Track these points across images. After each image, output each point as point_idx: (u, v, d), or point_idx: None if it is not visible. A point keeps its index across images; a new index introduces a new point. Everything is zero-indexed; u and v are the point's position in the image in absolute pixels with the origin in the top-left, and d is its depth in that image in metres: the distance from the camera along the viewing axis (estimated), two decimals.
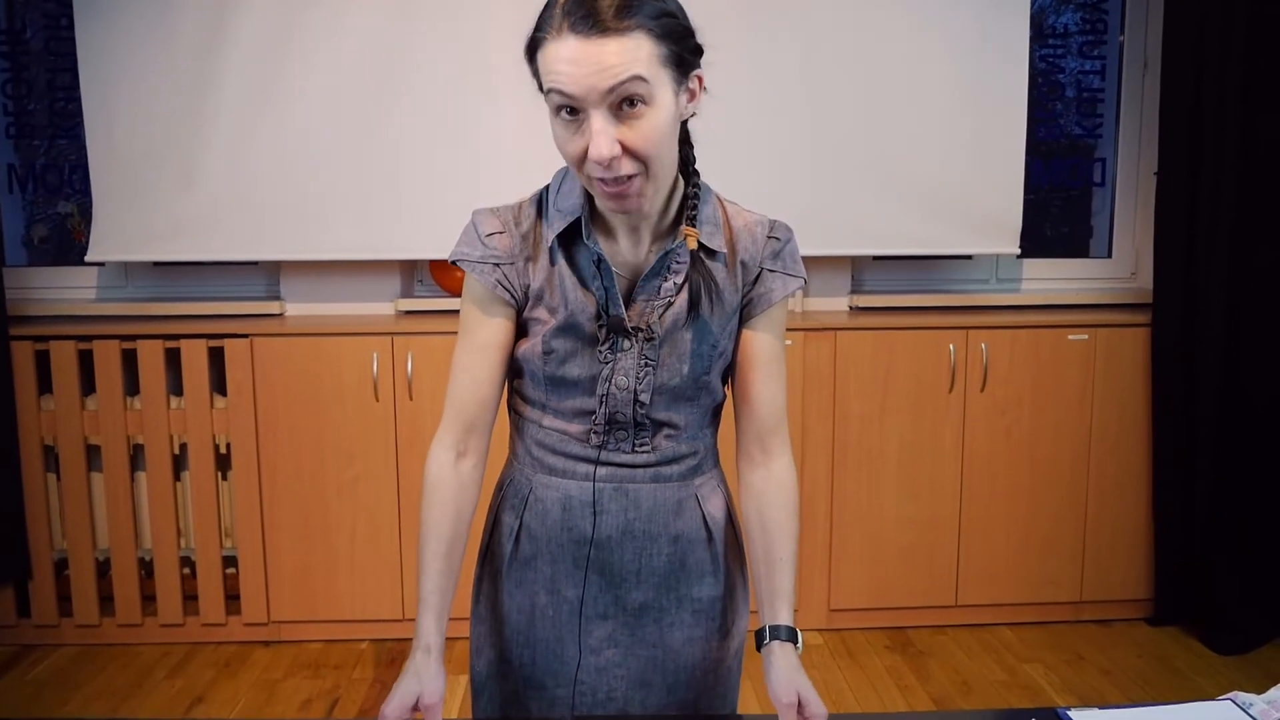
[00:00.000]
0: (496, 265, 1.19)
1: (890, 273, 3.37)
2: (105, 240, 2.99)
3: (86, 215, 3.08)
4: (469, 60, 2.95)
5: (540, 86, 1.07)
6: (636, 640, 1.27)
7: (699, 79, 1.11)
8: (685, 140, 1.19)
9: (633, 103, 1.03)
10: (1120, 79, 3.36)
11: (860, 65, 3.05)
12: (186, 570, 3.02)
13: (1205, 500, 3.03)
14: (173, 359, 2.92)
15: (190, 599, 3.00)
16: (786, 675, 1.16)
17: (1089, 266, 3.43)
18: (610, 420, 1.20)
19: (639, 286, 1.18)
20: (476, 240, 1.20)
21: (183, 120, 2.95)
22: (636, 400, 1.19)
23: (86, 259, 3.00)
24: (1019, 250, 3.16)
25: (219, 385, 2.94)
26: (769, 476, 1.26)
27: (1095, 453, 3.08)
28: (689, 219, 1.16)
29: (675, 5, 1.08)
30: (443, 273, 3.19)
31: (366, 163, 3.00)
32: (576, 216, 1.16)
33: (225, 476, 3.01)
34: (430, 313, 3.09)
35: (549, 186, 1.22)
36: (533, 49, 1.06)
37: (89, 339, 2.89)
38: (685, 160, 1.19)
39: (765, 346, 1.24)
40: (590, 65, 1.00)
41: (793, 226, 1.26)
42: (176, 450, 2.98)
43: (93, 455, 2.95)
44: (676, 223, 1.19)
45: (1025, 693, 2.72)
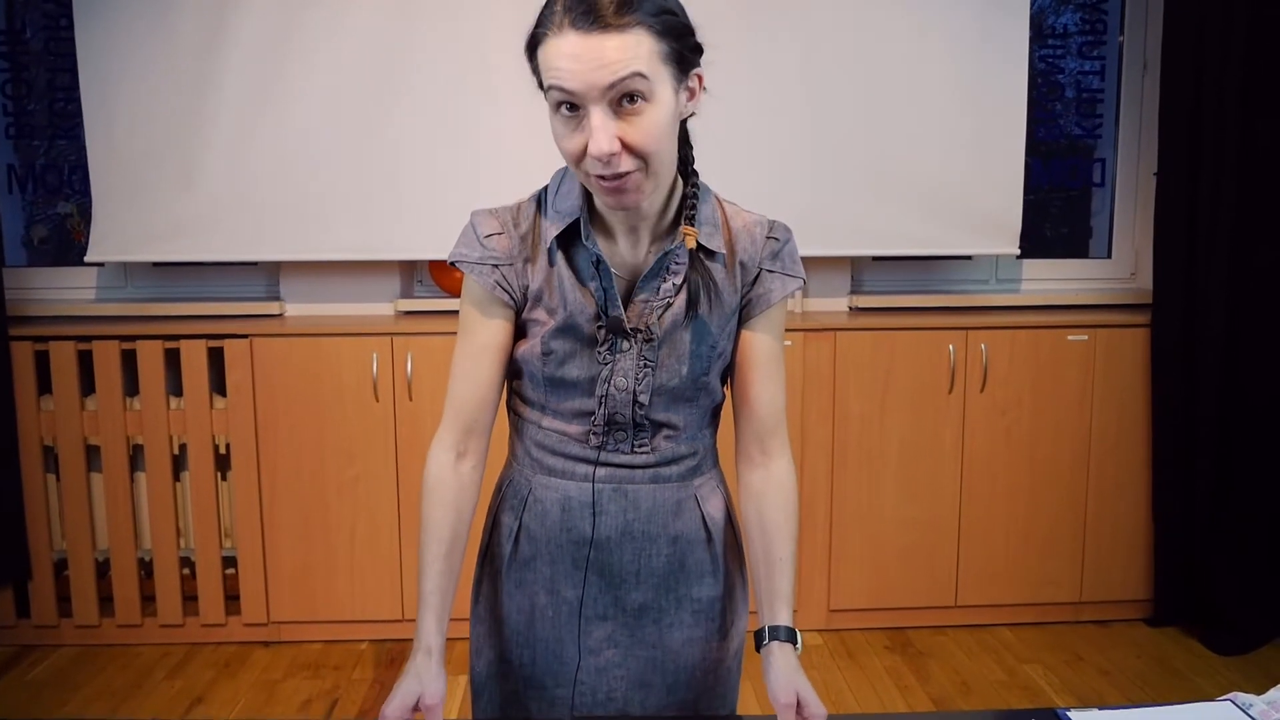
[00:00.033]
0: (495, 266, 1.19)
1: (890, 273, 3.37)
2: (105, 240, 2.99)
3: (86, 215, 3.08)
4: (469, 60, 2.95)
5: (540, 84, 1.07)
6: (636, 641, 1.27)
7: (699, 78, 1.11)
8: (684, 140, 1.19)
9: (632, 99, 1.02)
10: (1120, 79, 3.36)
11: (860, 65, 3.05)
12: (186, 571, 3.02)
13: (1205, 501, 3.03)
14: (172, 359, 2.92)
15: (190, 599, 3.00)
16: (785, 676, 1.16)
17: (1088, 267, 3.43)
18: (609, 421, 1.20)
19: (638, 287, 1.18)
20: (475, 241, 1.20)
21: (182, 120, 2.95)
22: (635, 401, 1.19)
23: (86, 259, 3.00)
24: (1019, 251, 3.16)
25: (219, 386, 2.94)
26: (768, 477, 1.26)
27: (1095, 453, 3.08)
28: (688, 219, 1.16)
29: (675, 3, 1.08)
30: (442, 273, 3.19)
31: (366, 163, 3.00)
32: (575, 217, 1.16)
33: (225, 477, 3.01)
34: (430, 313, 3.09)
35: (547, 187, 1.22)
36: (533, 45, 1.06)
37: (89, 339, 2.89)
38: (684, 160, 1.19)
39: (764, 347, 1.24)
40: (591, 61, 1.00)
41: (792, 227, 1.26)
42: (176, 450, 2.98)
43: (92, 455, 2.95)
44: (675, 223, 1.19)
45: (1025, 693, 2.72)
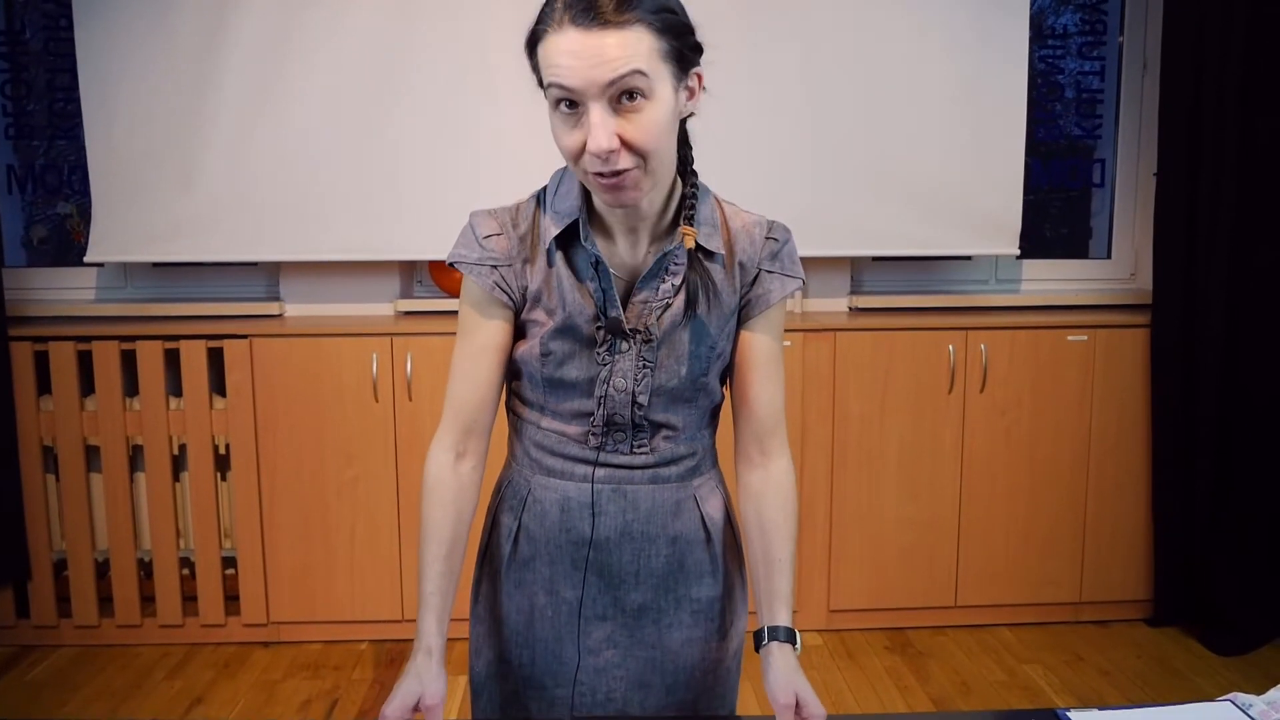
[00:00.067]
0: (494, 267, 1.19)
1: (890, 273, 3.37)
2: (104, 241, 2.99)
3: (86, 216, 3.08)
4: (469, 60, 2.95)
5: (540, 81, 1.07)
6: (635, 641, 1.27)
7: (699, 77, 1.11)
8: (684, 140, 1.19)
9: (632, 96, 1.03)
10: (1120, 80, 3.36)
11: (860, 65, 3.05)
12: (186, 571, 3.02)
13: (1205, 501, 3.03)
14: (172, 360, 2.92)
15: (189, 600, 3.00)
16: (785, 676, 1.16)
17: (1088, 267, 3.43)
18: (608, 422, 1.20)
19: (637, 288, 1.18)
20: (474, 242, 1.20)
21: (182, 121, 2.95)
22: (634, 402, 1.19)
23: (86, 260, 3.00)
24: (1018, 251, 3.16)
25: (218, 386, 2.94)
26: (767, 478, 1.26)
27: (1095, 453, 3.08)
28: (687, 219, 1.16)
29: (675, 2, 1.08)
30: (442, 273, 3.19)
31: (366, 163, 3.00)
32: (574, 218, 1.16)
33: (224, 477, 3.01)
34: (430, 313, 3.09)
35: (546, 188, 1.22)
36: (533, 42, 1.06)
37: (88, 340, 2.89)
38: (683, 160, 1.19)
39: (763, 348, 1.24)
40: (590, 58, 1.00)
41: (792, 227, 1.26)
42: (176, 451, 2.98)
43: (92, 456, 2.95)
44: (674, 224, 1.19)
45: (1024, 693, 2.72)
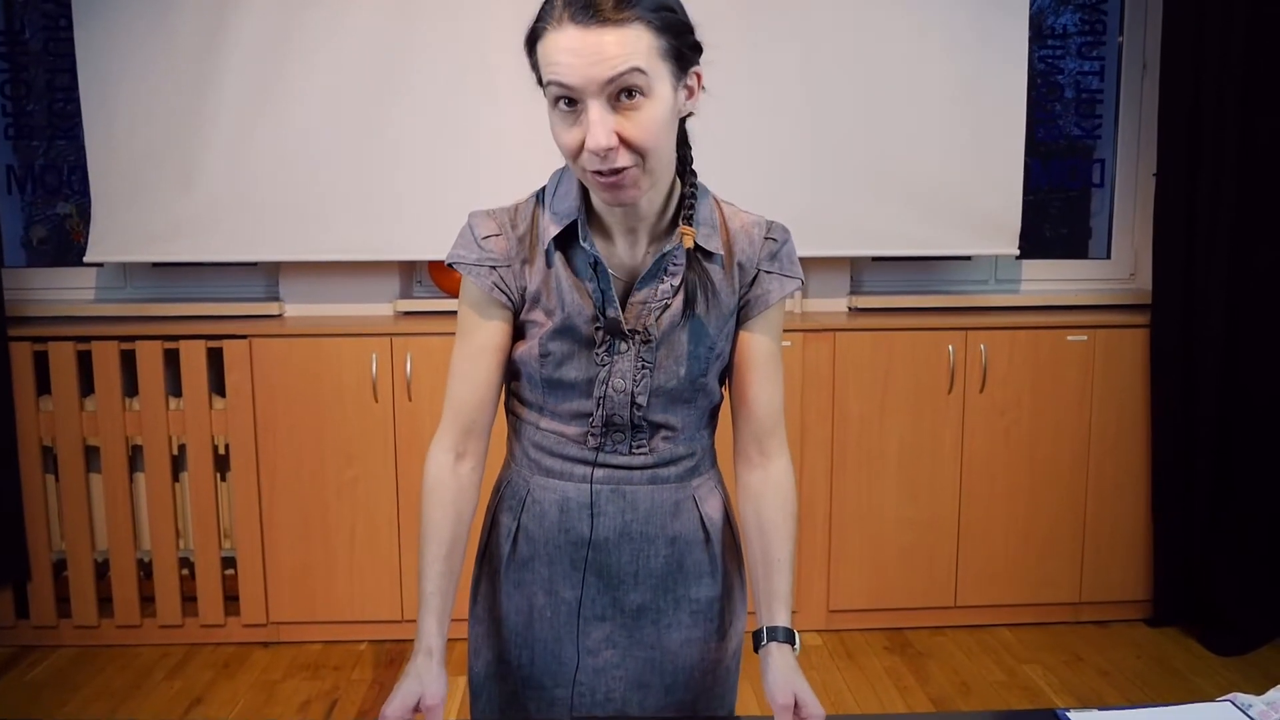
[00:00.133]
0: (493, 268, 1.19)
1: (889, 274, 3.37)
2: (104, 241, 2.98)
3: (85, 216, 3.08)
4: (469, 60, 2.95)
5: (539, 80, 1.07)
6: (634, 641, 1.27)
7: (698, 76, 1.11)
8: (683, 140, 1.19)
9: (631, 94, 1.03)
10: (1119, 80, 3.36)
11: (860, 65, 3.05)
12: (185, 571, 3.02)
13: (1204, 501, 3.03)
14: (171, 360, 2.92)
15: (189, 600, 3.00)
16: (783, 676, 1.16)
17: (1088, 267, 3.43)
18: (607, 422, 1.20)
19: (635, 288, 1.18)
20: (473, 243, 1.20)
21: (182, 121, 2.95)
22: (634, 402, 1.19)
23: (85, 260, 3.00)
24: (1018, 251, 3.16)
25: (218, 386, 2.94)
26: (766, 478, 1.26)
27: (1094, 454, 3.08)
28: (686, 219, 1.16)
29: (675, 1, 1.08)
30: (442, 274, 3.19)
31: (366, 163, 3.00)
32: (573, 218, 1.16)
33: (224, 477, 3.01)
34: (429, 314, 3.09)
35: (545, 188, 1.22)
36: (532, 40, 1.06)
37: (88, 340, 2.89)
38: (683, 160, 1.19)
39: (762, 348, 1.24)
40: (589, 55, 1.00)
41: (792, 227, 1.26)
42: (175, 451, 2.98)
43: (91, 456, 2.95)
44: (673, 224, 1.19)
45: (1024, 694, 2.72)
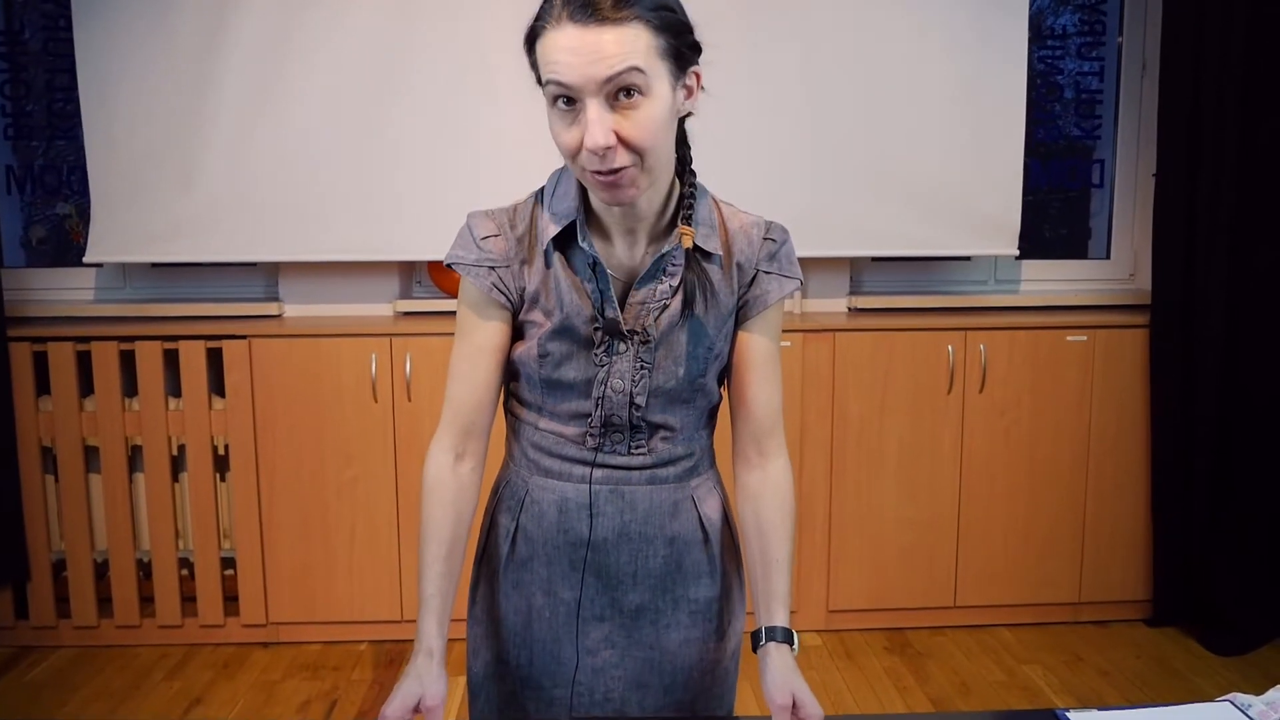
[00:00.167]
0: (492, 269, 1.19)
1: (889, 274, 3.37)
2: (103, 241, 2.98)
3: (85, 216, 3.08)
4: (469, 60, 2.95)
5: (538, 79, 1.07)
6: (633, 642, 1.27)
7: (697, 76, 1.11)
8: (682, 140, 1.19)
9: (629, 93, 1.03)
10: (1119, 80, 3.36)
11: (860, 65, 3.05)
12: (185, 571, 3.02)
13: (1204, 501, 3.03)
14: (171, 360, 2.92)
15: (188, 600, 3.00)
16: (782, 676, 1.16)
17: (1087, 268, 3.43)
18: (606, 423, 1.20)
19: (634, 289, 1.18)
20: (471, 243, 1.20)
21: (181, 121, 2.95)
22: (632, 403, 1.19)
23: (85, 260, 3.00)
24: (1017, 251, 3.16)
25: (217, 386, 2.94)
26: (765, 478, 1.26)
27: (1094, 454, 3.08)
28: (685, 219, 1.16)
29: (674, 0, 1.08)
30: (441, 274, 3.18)
31: (366, 163, 3.00)
32: (572, 219, 1.16)
33: (224, 478, 3.00)
34: (429, 314, 3.09)
35: (544, 188, 1.22)
36: (532, 39, 1.06)
37: (87, 340, 2.89)
38: (682, 160, 1.19)
39: (761, 348, 1.24)
40: (588, 54, 1.01)
41: (791, 227, 1.26)
42: (175, 451, 2.98)
43: (91, 456, 2.95)
44: (672, 224, 1.19)
45: (1024, 694, 2.72)
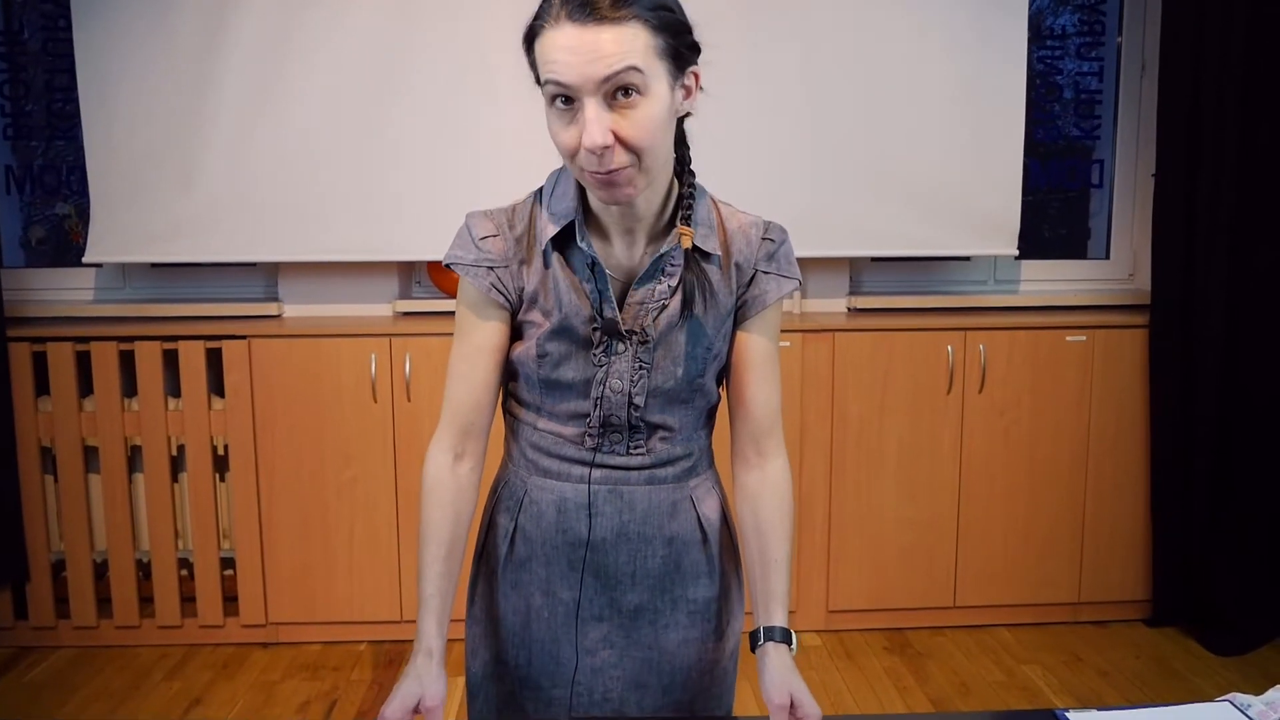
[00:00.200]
0: (490, 269, 1.19)
1: (888, 274, 3.37)
2: (103, 241, 2.98)
3: (84, 216, 3.08)
4: (469, 60, 2.95)
5: (537, 79, 1.07)
6: (632, 642, 1.27)
7: (696, 76, 1.11)
8: (681, 140, 1.19)
9: (627, 92, 1.03)
10: (1118, 80, 3.36)
11: (860, 65, 3.05)
12: (184, 572, 3.02)
13: (1203, 501, 3.03)
14: (170, 360, 2.92)
15: (188, 600, 3.00)
16: (780, 676, 1.16)
17: (1087, 268, 3.43)
18: (605, 423, 1.20)
19: (633, 289, 1.18)
20: (470, 243, 1.20)
21: (181, 121, 2.95)
22: (631, 403, 1.19)
23: (84, 260, 3.00)
24: (1017, 251, 3.16)
25: (217, 387, 2.93)
26: (764, 478, 1.26)
27: (1093, 454, 3.08)
28: (684, 219, 1.16)
29: (673, 0, 1.08)
30: (441, 274, 3.18)
31: (366, 163, 3.00)
32: (571, 219, 1.16)
33: (223, 478, 3.00)
34: (428, 314, 3.09)
35: (543, 188, 1.22)
36: (530, 38, 1.06)
37: (86, 340, 2.88)
38: (681, 161, 1.19)
39: (760, 348, 1.24)
40: (586, 53, 1.01)
41: (791, 227, 1.26)
42: (174, 452, 2.98)
43: (90, 457, 2.95)
44: (671, 224, 1.18)
45: (1023, 694, 2.72)
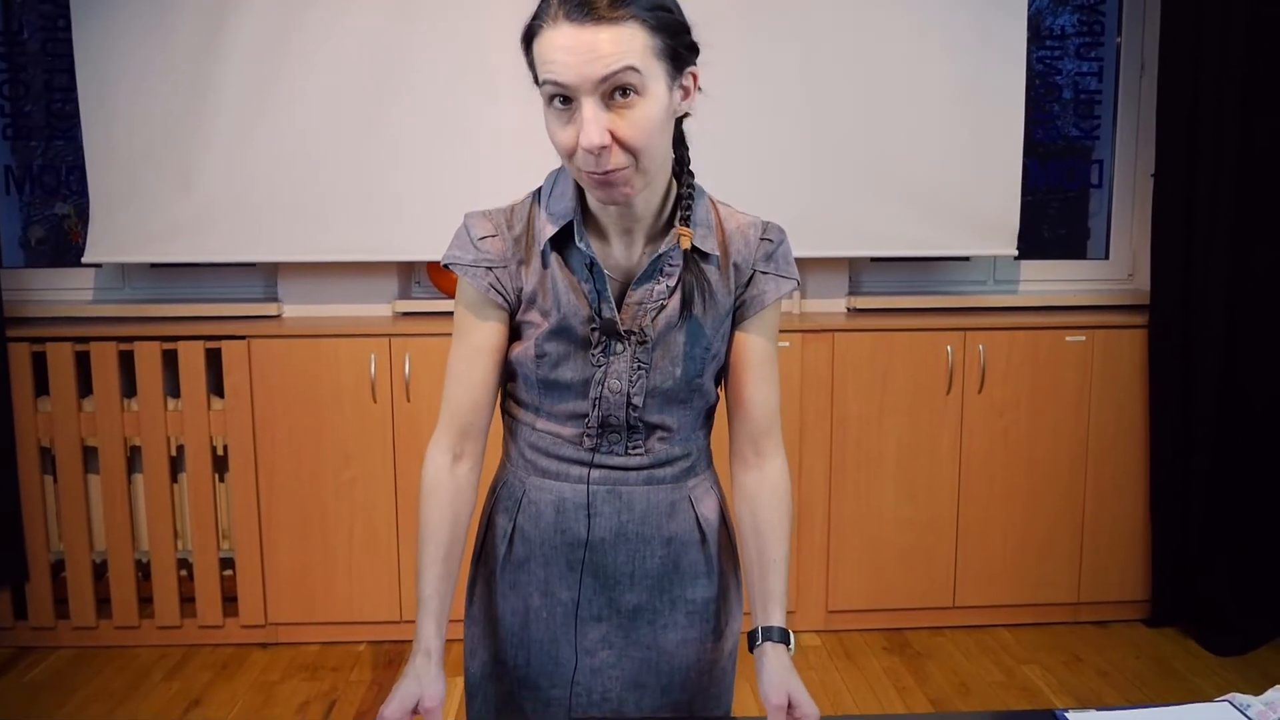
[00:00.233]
0: (489, 269, 1.19)
1: (888, 274, 3.37)
2: (102, 242, 2.98)
3: (84, 216, 3.08)
4: (468, 60, 2.95)
5: (536, 78, 1.07)
6: (630, 642, 1.27)
7: (694, 76, 1.11)
8: (680, 141, 1.19)
9: (625, 93, 1.03)
10: (1117, 81, 3.36)
11: (860, 66, 3.05)
12: (184, 572, 3.02)
13: (1203, 501, 3.03)
14: (170, 360, 2.92)
15: (187, 601, 3.00)
16: (778, 676, 1.16)
17: (1086, 268, 3.43)
18: (603, 423, 1.20)
19: (631, 289, 1.18)
20: (469, 243, 1.20)
21: (180, 121, 2.95)
22: (629, 403, 1.19)
23: (84, 260, 3.00)
24: (1016, 252, 3.16)
25: (216, 387, 2.93)
26: (762, 478, 1.26)
27: (1093, 454, 3.08)
28: (683, 219, 1.16)
29: (671, 0, 1.08)
30: (440, 274, 3.18)
31: (365, 164, 3.00)
32: (569, 219, 1.16)
33: (222, 478, 3.00)
34: (428, 314, 3.09)
35: (541, 189, 1.22)
36: (529, 38, 1.06)
37: (86, 340, 2.88)
38: (680, 161, 1.19)
39: (758, 349, 1.24)
40: (584, 53, 1.00)
41: (791, 227, 1.26)
42: (174, 452, 2.97)
43: (90, 457, 2.95)
44: (669, 225, 1.19)
45: (1023, 694, 2.72)
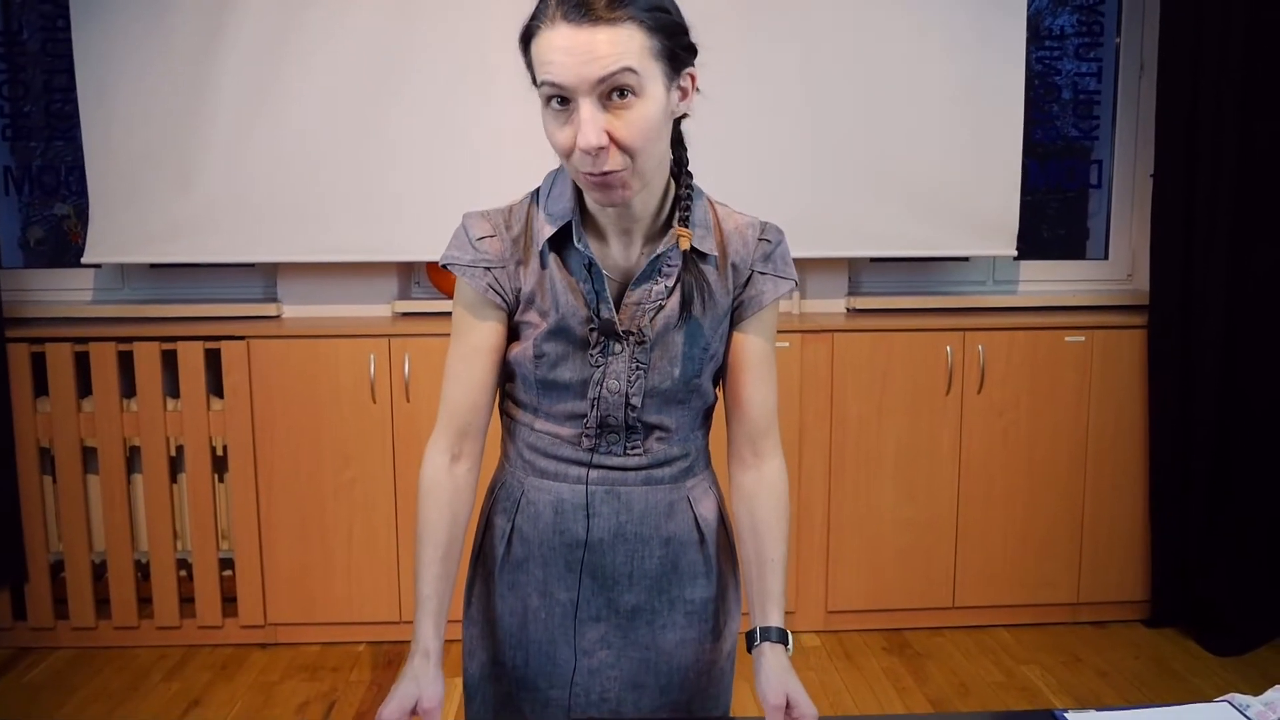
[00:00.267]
0: (487, 269, 1.19)
1: (887, 274, 3.37)
2: (102, 242, 2.98)
3: (83, 217, 3.08)
4: (467, 60, 2.95)
5: (534, 79, 1.07)
6: (629, 642, 1.27)
7: (692, 77, 1.11)
8: (678, 141, 1.19)
9: (622, 93, 1.03)
10: (1117, 81, 3.36)
11: (859, 66, 3.05)
12: (183, 572, 3.02)
13: (1202, 502, 3.03)
14: (169, 361, 2.92)
15: (187, 601, 3.00)
16: (776, 677, 1.16)
17: (1086, 268, 3.43)
18: (602, 424, 1.20)
19: (630, 289, 1.18)
20: (467, 244, 1.20)
21: (180, 122, 2.95)
22: (628, 403, 1.19)
23: (83, 261, 3.00)
24: (1016, 252, 3.16)
25: (215, 387, 2.93)
26: (760, 479, 1.26)
27: (1092, 454, 3.08)
28: (681, 220, 1.16)
29: (669, 1, 1.09)
30: (440, 275, 3.18)
31: (364, 164, 3.00)
32: (568, 219, 1.16)
33: (222, 479, 3.00)
34: (427, 314, 3.09)
35: (540, 189, 1.22)
36: (527, 38, 1.07)
37: (85, 341, 2.88)
38: (678, 161, 1.19)
39: (756, 349, 1.24)
40: (581, 54, 1.01)
41: (790, 228, 1.26)
42: (173, 452, 2.97)
43: (89, 457, 2.95)
44: (668, 225, 1.19)
45: (1022, 694, 2.72)
